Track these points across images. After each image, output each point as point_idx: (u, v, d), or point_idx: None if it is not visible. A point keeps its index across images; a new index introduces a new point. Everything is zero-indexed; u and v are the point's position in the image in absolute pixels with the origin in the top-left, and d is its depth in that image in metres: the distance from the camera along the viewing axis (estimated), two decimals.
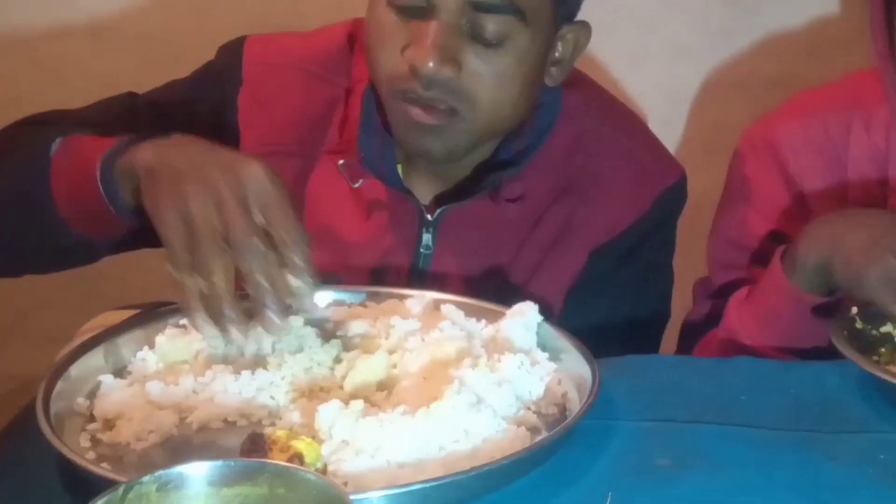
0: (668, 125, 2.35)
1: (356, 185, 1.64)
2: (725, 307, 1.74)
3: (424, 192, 1.69)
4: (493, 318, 1.45)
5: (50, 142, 1.47)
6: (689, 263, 1.87)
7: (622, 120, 1.79)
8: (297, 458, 1.14)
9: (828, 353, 1.50)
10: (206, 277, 1.23)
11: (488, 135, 1.61)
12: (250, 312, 1.26)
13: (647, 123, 1.89)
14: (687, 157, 1.84)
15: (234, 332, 1.25)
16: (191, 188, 1.25)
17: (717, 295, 1.81)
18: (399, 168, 1.67)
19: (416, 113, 1.53)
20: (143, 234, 1.37)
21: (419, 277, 1.67)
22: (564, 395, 1.35)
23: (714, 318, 1.77)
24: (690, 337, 1.82)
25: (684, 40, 2.38)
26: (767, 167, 1.79)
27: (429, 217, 1.66)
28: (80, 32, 2.42)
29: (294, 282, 1.25)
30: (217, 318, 1.24)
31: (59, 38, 2.42)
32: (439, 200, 1.69)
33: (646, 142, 1.78)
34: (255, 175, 1.26)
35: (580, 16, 1.66)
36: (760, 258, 1.77)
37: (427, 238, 1.65)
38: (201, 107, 1.70)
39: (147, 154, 1.34)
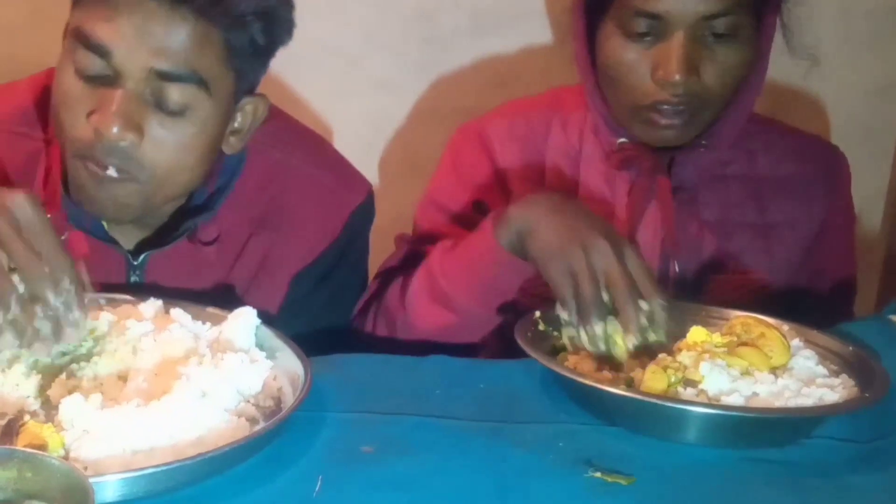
0: (372, 148, 2.41)
1: (62, 238, 1.50)
2: (426, 251, 1.76)
3: (129, 238, 1.65)
4: (217, 320, 1.48)
5: None
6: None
7: (309, 148, 1.80)
8: (43, 445, 1.15)
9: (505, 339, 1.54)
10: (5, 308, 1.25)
11: (162, 199, 1.57)
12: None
13: (350, 149, 1.90)
14: (387, 175, 1.89)
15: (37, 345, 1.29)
16: None
17: (416, 243, 1.86)
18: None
19: (92, 168, 1.49)
20: None
21: None
22: (280, 390, 1.39)
23: (410, 261, 1.81)
24: (386, 277, 1.83)
25: (385, 74, 2.43)
26: (477, 153, 1.91)
27: (134, 262, 1.64)
28: None
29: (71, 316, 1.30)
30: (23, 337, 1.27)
31: None
32: (143, 246, 1.65)
33: (333, 167, 1.79)
34: (21, 205, 1.26)
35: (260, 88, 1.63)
36: (460, 220, 1.87)
37: (134, 279, 1.64)
38: None
39: None
